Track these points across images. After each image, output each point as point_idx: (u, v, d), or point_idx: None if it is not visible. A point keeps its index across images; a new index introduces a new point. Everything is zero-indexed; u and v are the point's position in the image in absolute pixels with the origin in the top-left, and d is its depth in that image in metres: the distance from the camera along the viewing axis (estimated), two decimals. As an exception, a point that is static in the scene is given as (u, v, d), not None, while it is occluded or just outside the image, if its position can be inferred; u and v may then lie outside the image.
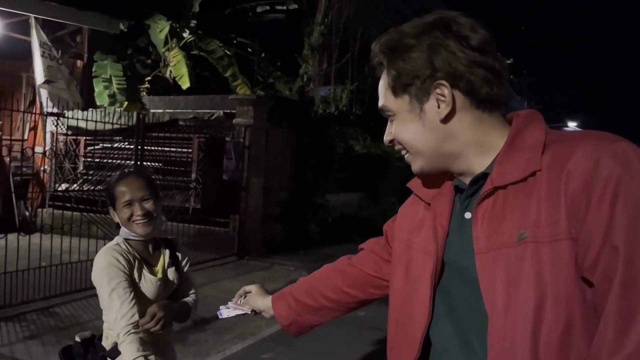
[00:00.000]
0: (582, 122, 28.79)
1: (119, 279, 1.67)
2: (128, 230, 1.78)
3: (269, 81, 12.31)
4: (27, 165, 8.33)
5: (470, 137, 0.96)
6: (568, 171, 0.85)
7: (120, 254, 1.72)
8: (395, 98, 1.00)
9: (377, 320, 5.06)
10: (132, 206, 1.75)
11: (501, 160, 0.94)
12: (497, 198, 0.93)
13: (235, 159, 7.84)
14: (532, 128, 0.95)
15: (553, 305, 0.84)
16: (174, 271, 1.86)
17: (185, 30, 11.02)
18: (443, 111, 0.95)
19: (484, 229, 0.93)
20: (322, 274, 1.39)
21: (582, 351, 0.83)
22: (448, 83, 0.93)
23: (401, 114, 1.00)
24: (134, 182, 1.77)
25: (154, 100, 10.24)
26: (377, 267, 1.31)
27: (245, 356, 4.11)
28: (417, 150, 1.01)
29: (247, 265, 7.43)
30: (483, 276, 0.91)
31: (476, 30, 0.94)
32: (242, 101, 8.16)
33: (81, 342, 1.78)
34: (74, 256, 5.32)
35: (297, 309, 1.37)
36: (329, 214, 9.94)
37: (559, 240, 0.85)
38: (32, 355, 3.80)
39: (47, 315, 4.70)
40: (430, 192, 1.07)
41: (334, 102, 12.56)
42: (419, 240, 1.05)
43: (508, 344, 0.87)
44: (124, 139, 8.03)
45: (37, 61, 8.70)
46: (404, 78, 0.97)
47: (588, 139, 0.88)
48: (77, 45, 10.19)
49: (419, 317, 1.01)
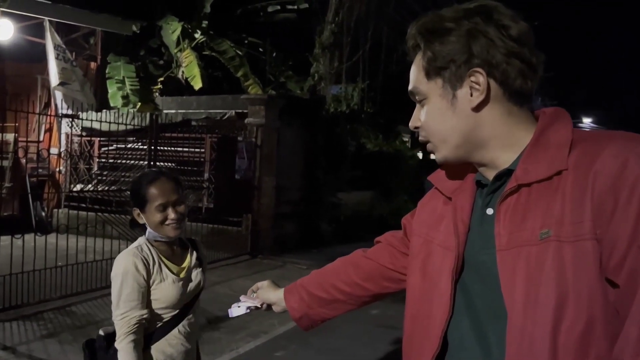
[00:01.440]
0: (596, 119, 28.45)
1: (132, 287, 1.68)
2: (157, 232, 1.75)
3: (280, 80, 12.33)
4: (42, 167, 8.45)
5: (499, 129, 0.96)
6: (595, 171, 0.84)
7: (141, 259, 1.70)
8: (428, 81, 0.98)
9: (390, 318, 5.07)
10: (166, 210, 1.72)
11: (526, 158, 0.93)
12: (520, 195, 0.92)
13: (247, 159, 7.87)
14: (559, 126, 0.94)
15: (574, 305, 0.83)
16: (200, 272, 1.85)
17: (197, 31, 11.08)
18: (476, 99, 0.94)
19: (506, 225, 0.92)
20: (336, 267, 1.37)
21: (602, 352, 0.82)
22: (484, 71, 0.92)
23: (432, 98, 0.98)
24: (167, 184, 1.74)
25: (166, 100, 10.32)
26: (394, 259, 1.29)
27: (258, 354, 4.13)
28: (443, 138, 0.99)
29: (260, 264, 7.46)
30: (504, 273, 0.90)
31: (517, 21, 0.93)
32: (254, 101, 8.19)
33: (104, 337, 1.79)
34: (90, 256, 5.39)
35: (309, 301, 1.35)
36: (341, 213, 9.94)
37: (583, 240, 0.84)
38: (49, 353, 3.86)
39: (63, 314, 4.76)
40: (451, 186, 1.07)
41: (345, 100, 12.56)
42: (439, 235, 1.04)
43: (527, 341, 0.86)
44: (137, 140, 8.11)
45: (51, 63, 8.81)
46: (439, 61, 0.95)
47: (616, 139, 0.87)
48: (90, 47, 10.31)
49: (438, 313, 1.00)
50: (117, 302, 1.69)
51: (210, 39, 11.09)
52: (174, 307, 1.76)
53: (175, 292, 1.75)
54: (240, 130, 8.11)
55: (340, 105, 12.34)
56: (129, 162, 8.27)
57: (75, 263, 5.24)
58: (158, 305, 1.73)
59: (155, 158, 6.68)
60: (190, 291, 1.81)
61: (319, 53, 12.36)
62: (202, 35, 11.10)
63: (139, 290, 1.68)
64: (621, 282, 0.81)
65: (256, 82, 10.94)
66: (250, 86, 10.78)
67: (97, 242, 5.48)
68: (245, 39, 12.27)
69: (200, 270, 1.85)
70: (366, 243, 1.44)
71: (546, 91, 27.08)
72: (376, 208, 11.35)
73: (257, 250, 7.89)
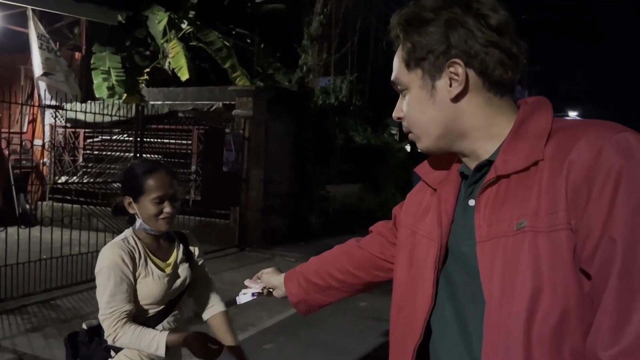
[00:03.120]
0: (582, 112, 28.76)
1: (119, 281, 1.63)
2: (148, 225, 1.71)
3: (268, 72, 12.25)
4: (26, 158, 8.31)
5: (479, 119, 0.96)
6: (570, 161, 0.84)
7: (127, 252, 1.66)
8: (408, 72, 0.99)
9: (378, 311, 5.09)
10: (162, 204, 1.67)
11: (506, 149, 0.93)
12: (500, 186, 0.92)
13: (235, 151, 7.82)
14: (538, 116, 0.94)
15: (549, 295, 0.83)
16: (187, 268, 1.80)
17: (184, 21, 10.95)
18: (455, 90, 0.94)
19: (485, 217, 0.92)
20: (332, 255, 1.42)
21: (577, 343, 0.83)
22: (462, 61, 0.92)
23: (413, 89, 0.99)
24: (166, 178, 1.69)
25: (152, 92, 10.20)
26: (383, 248, 1.32)
27: (246, 347, 4.10)
28: (424, 129, 1.00)
29: (248, 257, 7.44)
30: (483, 264, 0.91)
31: (496, 10, 0.93)
32: (242, 92, 8.12)
33: (87, 331, 1.75)
34: (75, 249, 5.33)
35: (307, 287, 1.40)
36: (329, 205, 9.94)
37: (558, 231, 0.84)
38: (33, 348, 3.81)
39: (48, 307, 4.70)
40: (437, 177, 1.07)
41: (334, 92, 12.53)
42: (425, 226, 1.05)
43: (502, 332, 0.87)
44: (123, 131, 8.02)
45: (35, 53, 8.66)
46: (418, 51, 0.95)
47: (592, 128, 0.86)
48: (75, 37, 10.14)
49: (421, 302, 1.01)
50: (104, 297, 1.63)
51: (197, 30, 10.97)
52: (159, 303, 1.72)
53: (159, 289, 1.70)
54: (228, 122, 8.05)
55: (329, 98, 12.31)
56: (115, 154, 8.17)
57: (60, 256, 5.18)
58: (142, 301, 1.69)
59: (142, 150, 6.59)
60: (176, 287, 1.77)
61: (307, 44, 12.30)
62: (189, 26, 10.98)
63: (127, 283, 1.64)
64: (593, 272, 0.81)
65: (244, 74, 10.86)
66: (237, 78, 10.69)
67: (82, 234, 5.42)
68: (233, 30, 12.15)
69: (187, 265, 1.81)
70: (355, 236, 1.47)
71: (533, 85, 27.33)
72: (364, 201, 11.37)
73: (245, 243, 7.86)
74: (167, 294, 1.73)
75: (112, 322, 1.61)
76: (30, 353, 3.72)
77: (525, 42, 0.95)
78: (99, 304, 1.66)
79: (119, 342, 1.61)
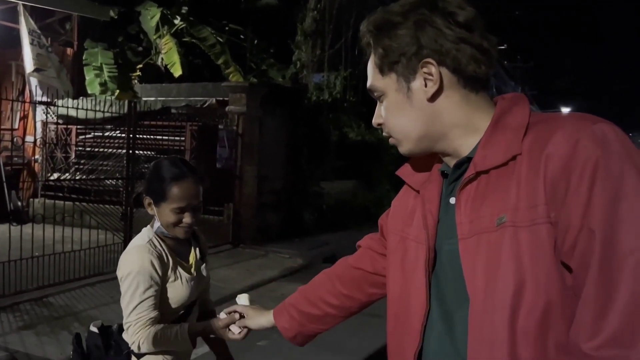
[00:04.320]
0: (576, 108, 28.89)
1: (148, 288, 1.56)
2: (165, 230, 1.64)
3: (261, 68, 12.21)
4: (18, 155, 8.25)
5: (457, 117, 0.96)
6: (547, 154, 0.84)
7: (156, 257, 1.59)
8: (383, 77, 0.99)
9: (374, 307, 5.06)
10: (183, 213, 1.59)
11: (484, 144, 0.93)
12: (479, 182, 0.92)
13: (228, 147, 7.79)
14: (516, 110, 0.94)
15: (532, 290, 0.83)
16: (205, 267, 1.76)
17: (177, 17, 10.88)
18: (430, 89, 0.94)
19: (466, 213, 0.92)
20: (321, 281, 1.38)
21: (561, 337, 0.83)
22: (434, 60, 0.93)
23: (389, 94, 0.99)
24: (192, 188, 1.60)
25: (145, 88, 10.14)
26: (374, 262, 1.30)
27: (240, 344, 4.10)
28: (404, 132, 1.00)
29: (242, 254, 7.42)
30: (466, 261, 0.91)
31: (463, 7, 0.93)
32: (235, 88, 8.09)
33: (99, 333, 1.67)
34: (67, 246, 5.29)
35: (300, 319, 1.37)
36: (323, 202, 9.93)
37: (538, 225, 0.84)
38: (26, 346, 3.79)
39: (40, 305, 4.68)
40: (419, 179, 1.07)
41: (328, 89, 12.50)
42: (412, 230, 1.04)
43: (487, 327, 0.87)
44: (115, 128, 7.96)
45: (26, 49, 8.58)
46: (390, 56, 0.96)
47: (568, 121, 0.87)
48: (66, 33, 10.05)
49: (416, 307, 1.00)
50: (131, 304, 1.55)
51: (190, 26, 10.90)
52: (184, 306, 1.68)
53: (188, 291, 1.65)
54: (221, 119, 8.02)
55: (323, 94, 12.28)
56: (107, 150, 8.12)
57: (52, 253, 5.14)
58: (169, 305, 1.63)
59: (134, 146, 6.55)
60: (201, 288, 1.73)
61: (301, 40, 12.27)
62: (182, 22, 10.91)
63: (155, 289, 1.57)
64: (574, 265, 0.81)
65: (237, 70, 10.81)
66: (231, 74, 10.65)
67: (75, 232, 5.39)
68: (226, 26, 12.09)
69: (204, 265, 1.77)
70: (349, 232, 1.45)
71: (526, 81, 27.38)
72: (359, 197, 11.37)
73: (239, 239, 7.85)
74: (192, 296, 1.68)
75: (136, 329, 1.55)
76: (23, 351, 3.70)
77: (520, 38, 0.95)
78: (123, 311, 1.59)
79: (144, 348, 1.56)
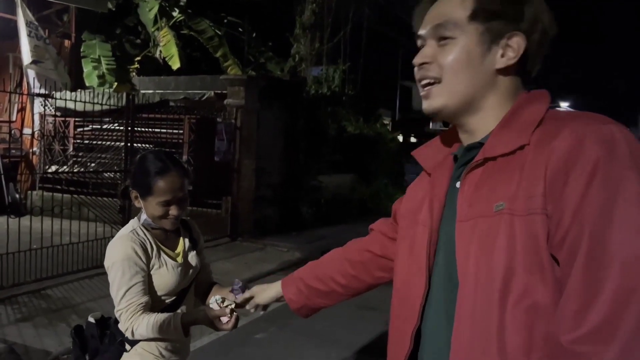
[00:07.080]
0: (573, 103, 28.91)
1: (134, 274, 1.58)
2: (152, 221, 1.67)
3: (260, 61, 12.17)
4: (15, 147, 8.22)
5: (501, 99, 0.96)
6: (552, 148, 0.85)
7: (139, 245, 1.61)
8: (469, 22, 0.94)
9: (370, 300, 5.09)
10: (169, 206, 1.63)
11: (496, 132, 0.94)
12: (486, 169, 0.93)
13: (226, 140, 7.78)
14: (533, 105, 0.95)
15: (521, 278, 0.84)
16: (195, 255, 1.78)
17: (175, 9, 10.83)
18: (506, 61, 0.94)
19: (467, 197, 0.93)
20: (332, 259, 1.41)
21: (549, 327, 0.84)
22: (525, 38, 0.93)
23: (463, 42, 0.94)
24: (177, 181, 1.63)
25: (143, 80, 10.11)
26: (383, 246, 1.32)
27: (238, 336, 4.13)
28: (454, 85, 0.96)
29: (239, 247, 7.44)
30: (460, 244, 0.92)
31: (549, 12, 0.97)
32: (233, 81, 8.07)
33: (96, 324, 1.69)
34: (65, 238, 5.30)
35: (308, 293, 1.41)
36: (321, 196, 9.93)
37: (534, 215, 0.84)
38: (24, 338, 3.79)
39: (38, 297, 4.68)
40: (432, 162, 1.08)
41: (326, 82, 12.47)
42: (421, 214, 1.05)
43: (478, 312, 0.88)
44: (113, 120, 7.95)
45: (23, 41, 8.53)
46: (495, 4, 0.92)
47: (579, 119, 0.87)
48: (64, 25, 9.99)
49: (416, 288, 1.01)
50: (120, 291, 1.58)
51: (189, 18, 10.86)
52: (173, 293, 1.69)
53: (174, 279, 1.67)
54: (220, 112, 8.00)
55: (321, 88, 12.25)
56: (105, 143, 8.11)
57: (50, 246, 5.15)
58: (157, 293, 1.66)
59: (132, 139, 6.54)
60: (189, 276, 1.75)
61: (299, 33, 12.22)
62: (180, 14, 10.86)
63: (141, 275, 1.59)
64: (561, 257, 0.82)
65: (235, 63, 10.78)
66: (229, 67, 10.62)
67: (73, 224, 5.38)
68: (225, 19, 12.04)
69: (194, 253, 1.79)
70: (346, 226, 1.47)
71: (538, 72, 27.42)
72: (356, 191, 11.38)
73: (237, 233, 7.86)
74: (180, 284, 1.70)
75: (128, 316, 1.57)
76: (21, 343, 3.71)
77: None
78: (114, 299, 1.61)
79: (137, 334, 1.58)
